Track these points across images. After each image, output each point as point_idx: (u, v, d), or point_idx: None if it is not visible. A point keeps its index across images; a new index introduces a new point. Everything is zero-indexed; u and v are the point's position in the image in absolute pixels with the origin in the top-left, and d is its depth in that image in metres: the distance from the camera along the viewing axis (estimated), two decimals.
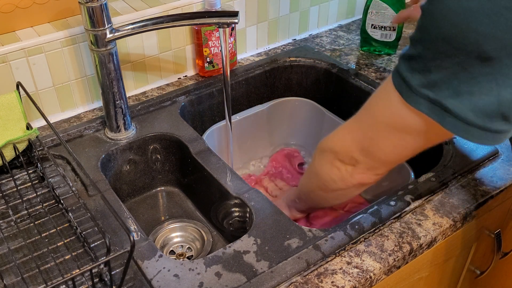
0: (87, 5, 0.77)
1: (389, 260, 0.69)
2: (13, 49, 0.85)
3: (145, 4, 0.98)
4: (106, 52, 0.82)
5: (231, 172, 0.84)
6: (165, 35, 1.00)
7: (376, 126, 0.63)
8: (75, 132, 0.92)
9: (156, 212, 0.97)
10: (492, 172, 0.83)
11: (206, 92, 1.04)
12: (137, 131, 0.93)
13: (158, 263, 0.68)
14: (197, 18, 0.82)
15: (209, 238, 0.91)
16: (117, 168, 0.92)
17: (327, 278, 0.66)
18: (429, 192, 0.79)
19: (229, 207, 0.83)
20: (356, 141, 0.66)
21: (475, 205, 0.77)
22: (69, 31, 0.89)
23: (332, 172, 0.71)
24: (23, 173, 0.83)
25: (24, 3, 0.87)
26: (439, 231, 0.73)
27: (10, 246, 0.71)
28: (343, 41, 1.20)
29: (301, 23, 1.21)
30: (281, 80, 1.15)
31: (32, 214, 0.76)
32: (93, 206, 0.77)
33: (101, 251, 0.70)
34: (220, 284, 0.65)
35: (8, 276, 0.67)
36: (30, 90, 0.89)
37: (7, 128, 0.83)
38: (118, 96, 0.87)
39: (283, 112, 1.12)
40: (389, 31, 1.12)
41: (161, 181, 1.00)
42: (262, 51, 1.16)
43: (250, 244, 0.71)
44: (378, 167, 0.67)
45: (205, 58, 1.04)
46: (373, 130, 0.63)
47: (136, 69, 1.00)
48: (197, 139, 0.91)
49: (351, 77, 1.08)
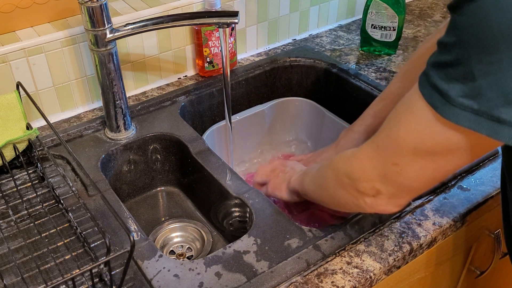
0: (87, 5, 0.77)
1: (389, 260, 0.69)
2: (13, 49, 0.85)
3: (145, 4, 0.98)
4: (106, 52, 0.82)
5: (231, 172, 0.84)
6: (165, 35, 1.00)
7: (401, 151, 0.55)
8: (75, 132, 0.92)
9: (156, 212, 0.97)
10: (492, 172, 0.83)
11: (206, 92, 1.04)
12: (137, 131, 0.93)
13: (158, 263, 0.68)
14: (197, 18, 0.82)
15: (209, 238, 0.91)
16: (117, 168, 0.92)
17: (327, 278, 0.66)
18: (429, 192, 0.79)
19: (229, 207, 0.83)
20: (377, 170, 0.58)
21: (475, 205, 0.77)
22: (69, 31, 0.89)
23: (347, 198, 0.64)
24: (23, 173, 0.83)
25: (24, 3, 0.87)
26: (439, 231, 0.73)
27: (10, 246, 0.71)
28: (343, 41, 1.20)
29: (301, 23, 1.21)
30: (281, 80, 1.15)
31: (32, 214, 0.76)
32: (93, 206, 0.77)
33: (101, 251, 0.70)
34: (220, 284, 0.65)
35: (8, 276, 0.67)
36: (30, 90, 0.89)
37: (7, 128, 0.83)
38: (118, 96, 0.87)
39: (283, 112, 1.12)
40: (389, 31, 1.12)
41: (161, 181, 1.00)
42: (262, 51, 1.16)
43: (250, 244, 0.71)
44: (403, 196, 0.60)
45: (205, 58, 1.04)
46: (397, 155, 0.56)
47: (136, 69, 1.00)
48: (197, 139, 0.91)
49: (351, 77, 1.08)
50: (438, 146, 0.52)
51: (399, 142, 0.55)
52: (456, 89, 0.47)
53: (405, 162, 0.55)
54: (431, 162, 0.54)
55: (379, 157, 0.58)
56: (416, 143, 0.53)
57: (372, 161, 0.59)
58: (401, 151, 0.55)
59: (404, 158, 0.55)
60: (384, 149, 0.57)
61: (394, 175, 0.57)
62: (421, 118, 0.51)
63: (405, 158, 0.55)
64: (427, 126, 0.51)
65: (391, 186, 0.59)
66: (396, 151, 0.56)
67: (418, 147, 0.53)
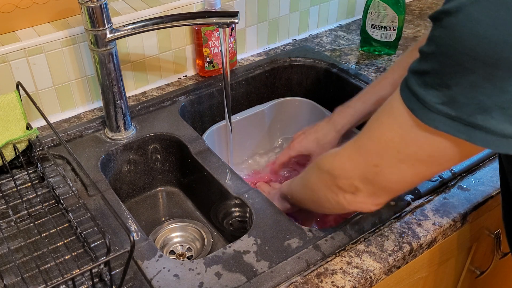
0: (87, 5, 0.77)
1: (389, 260, 0.69)
2: (13, 49, 0.85)
3: (145, 4, 0.98)
4: (106, 52, 0.82)
5: (231, 172, 0.84)
6: (165, 35, 1.00)
7: (381, 152, 0.56)
8: (75, 132, 0.92)
9: (156, 212, 0.97)
10: (492, 172, 0.83)
11: (206, 92, 1.04)
12: (137, 131, 0.93)
13: (158, 263, 0.68)
14: (197, 18, 0.82)
15: (209, 238, 0.91)
16: (117, 168, 0.92)
17: (327, 278, 0.66)
18: (429, 192, 0.79)
19: (229, 207, 0.83)
20: (358, 169, 0.60)
21: (475, 205, 0.77)
22: (69, 31, 0.89)
23: (328, 195, 0.66)
24: (23, 173, 0.83)
25: (24, 3, 0.87)
26: (439, 231, 0.73)
27: (10, 246, 0.71)
28: (343, 41, 1.20)
29: (301, 23, 1.21)
30: (281, 80, 1.15)
31: (32, 214, 0.76)
32: (93, 206, 0.77)
33: (101, 251, 0.70)
34: (220, 284, 0.65)
35: (8, 276, 0.67)
36: (30, 90, 0.89)
37: (7, 128, 0.83)
38: (118, 96, 0.87)
39: (283, 112, 1.12)
40: (389, 31, 1.12)
41: (161, 181, 1.00)
42: (262, 51, 1.16)
43: (250, 244, 0.71)
44: (381, 196, 0.62)
45: (205, 58, 1.04)
46: (377, 157, 0.57)
47: (136, 69, 1.00)
48: (197, 139, 0.91)
49: (351, 77, 1.08)
50: (419, 151, 0.53)
51: (379, 144, 0.56)
52: (433, 96, 0.48)
53: (385, 164, 0.57)
54: (411, 167, 0.55)
55: (359, 158, 0.60)
56: (396, 145, 0.54)
57: (353, 161, 0.61)
58: (381, 153, 0.56)
59: (383, 160, 0.57)
60: (365, 150, 0.59)
61: (374, 176, 0.59)
62: (400, 121, 0.53)
63: (385, 161, 0.56)
64: (406, 130, 0.52)
65: (371, 185, 0.60)
66: (376, 153, 0.57)
67: (397, 150, 0.55)
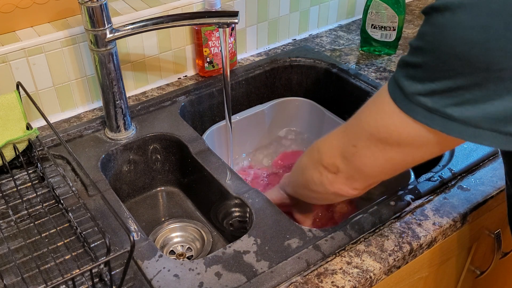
0: (87, 5, 0.77)
1: (389, 260, 0.69)
2: (13, 49, 0.85)
3: (145, 4, 0.98)
4: (106, 52, 0.82)
5: (231, 172, 0.84)
6: (165, 35, 1.00)
7: (360, 134, 0.60)
8: (75, 132, 0.92)
9: (156, 212, 0.97)
10: (492, 172, 0.83)
11: (206, 92, 1.04)
12: (137, 131, 0.93)
13: (158, 263, 0.68)
14: (197, 18, 0.82)
15: (209, 238, 0.91)
16: (117, 168, 0.92)
17: (327, 278, 0.66)
18: (429, 192, 0.79)
19: (229, 207, 0.83)
20: (340, 148, 0.64)
21: (475, 205, 0.77)
22: (69, 31, 0.89)
23: (314, 174, 0.69)
24: (23, 173, 0.83)
25: (24, 3, 0.87)
26: (439, 231, 0.73)
27: (10, 246, 0.71)
28: (343, 41, 1.20)
29: (301, 23, 1.21)
30: (281, 80, 1.16)
31: (32, 214, 0.76)
32: (93, 206, 0.77)
33: (101, 251, 0.70)
34: (220, 284, 0.65)
35: (8, 276, 0.67)
36: (30, 90, 0.89)
37: (7, 128, 0.83)
38: (118, 96, 0.87)
39: (283, 112, 1.12)
40: (389, 31, 1.12)
41: (161, 181, 1.00)
42: (262, 51, 1.16)
43: (250, 244, 0.71)
44: (357, 179, 0.64)
45: (205, 58, 1.04)
46: (357, 138, 0.60)
47: (136, 69, 1.00)
48: (197, 139, 0.91)
49: (351, 77, 1.08)
50: (392, 137, 0.56)
51: (361, 126, 0.60)
52: (414, 87, 0.51)
53: (361, 145, 0.60)
54: (382, 151, 0.58)
55: (344, 137, 0.63)
56: (373, 130, 0.58)
57: (338, 140, 0.65)
58: (360, 134, 0.60)
59: (360, 141, 0.60)
60: (350, 130, 0.63)
61: (351, 156, 0.62)
62: (383, 108, 0.56)
63: (361, 142, 0.60)
64: (387, 116, 0.55)
65: (348, 166, 0.63)
66: (357, 133, 0.61)
67: (373, 134, 0.58)
